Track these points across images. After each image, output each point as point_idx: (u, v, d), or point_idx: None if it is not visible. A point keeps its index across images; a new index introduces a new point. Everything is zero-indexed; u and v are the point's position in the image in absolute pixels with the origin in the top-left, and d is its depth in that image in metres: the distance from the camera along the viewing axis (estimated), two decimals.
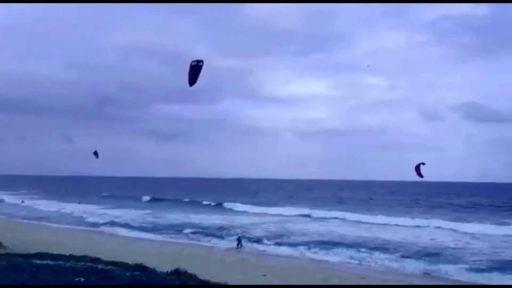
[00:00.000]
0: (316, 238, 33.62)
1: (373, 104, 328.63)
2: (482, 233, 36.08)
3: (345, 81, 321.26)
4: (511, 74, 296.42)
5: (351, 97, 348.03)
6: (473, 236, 34.87)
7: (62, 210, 56.23)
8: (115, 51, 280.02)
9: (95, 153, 26.98)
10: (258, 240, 31.86)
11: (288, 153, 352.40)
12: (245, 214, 53.71)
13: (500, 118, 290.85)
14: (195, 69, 13.47)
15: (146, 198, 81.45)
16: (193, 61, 13.40)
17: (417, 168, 20.50)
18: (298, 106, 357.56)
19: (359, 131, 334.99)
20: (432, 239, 33.36)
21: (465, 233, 36.10)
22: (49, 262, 10.65)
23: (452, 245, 30.76)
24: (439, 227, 39.99)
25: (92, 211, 55.10)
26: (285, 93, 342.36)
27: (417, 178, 21.43)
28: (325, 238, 33.36)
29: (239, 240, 30.06)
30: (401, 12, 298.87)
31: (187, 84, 13.67)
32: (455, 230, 37.64)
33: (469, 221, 44.38)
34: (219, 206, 66.14)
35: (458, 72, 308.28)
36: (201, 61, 13.48)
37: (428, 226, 40.80)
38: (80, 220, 45.39)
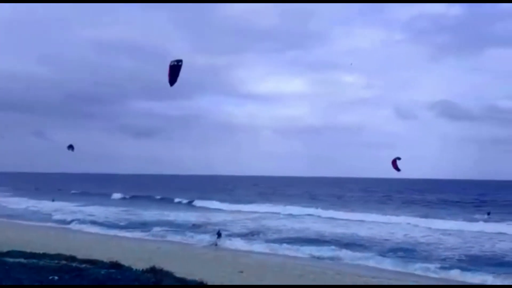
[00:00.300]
0: (292, 235, 33.88)
1: (350, 102, 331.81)
2: (454, 229, 37.01)
3: (322, 79, 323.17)
4: (482, 73, 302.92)
5: (327, 94, 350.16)
6: (445, 232, 35.66)
7: (34, 208, 55.15)
8: (90, 46, 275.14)
9: (70, 147, 26.30)
10: (234, 237, 31.90)
11: (265, 149, 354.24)
12: (220, 212, 53.39)
13: (472, 117, 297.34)
14: (175, 69, 13.43)
15: (118, 195, 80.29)
16: (172, 61, 13.37)
17: (394, 163, 20.86)
18: (275, 103, 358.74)
19: (335, 129, 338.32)
20: (405, 235, 34.00)
21: (437, 230, 36.88)
22: (22, 260, 10.45)
23: (424, 241, 31.42)
24: (415, 225, 40.38)
25: (66, 209, 54.13)
26: (262, 90, 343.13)
27: (392, 175, 21.88)
28: (300, 235, 33.67)
29: (219, 233, 30.45)
30: (377, 11, 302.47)
31: (164, 80, 13.60)
32: (428, 228, 38.23)
33: (440, 218, 45.37)
34: (193, 203, 65.86)
35: (432, 71, 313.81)
36: (180, 60, 13.44)
37: (400, 223, 41.24)
38: (53, 218, 44.54)
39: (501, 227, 37.43)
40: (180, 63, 13.40)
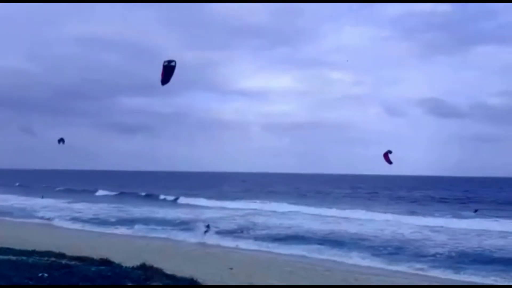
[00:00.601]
0: (280, 231, 33.98)
1: (338, 99, 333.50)
2: (442, 225, 37.19)
3: (311, 76, 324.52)
4: (471, 71, 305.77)
5: (316, 91, 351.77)
6: (433, 229, 35.78)
7: (21, 205, 54.66)
8: (78, 43, 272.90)
9: (61, 140, 25.86)
10: (223, 234, 31.97)
11: (254, 146, 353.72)
12: (208, 209, 53.06)
13: (461, 114, 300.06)
14: (168, 70, 13.47)
15: (103, 192, 79.67)
16: (165, 61, 13.39)
17: (386, 156, 20.71)
18: (264, 100, 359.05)
19: (324, 126, 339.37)
20: (393, 232, 34.19)
21: (425, 226, 36.99)
22: (11, 257, 10.39)
23: (412, 238, 31.63)
24: (403, 222, 40.28)
25: (54, 206, 53.83)
26: (251, 87, 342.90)
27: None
28: (289, 232, 33.76)
29: (207, 226, 31.34)
30: (366, 8, 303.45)
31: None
32: (416, 224, 38.28)
33: (428, 214, 45.84)
34: (178, 200, 65.67)
35: (421, 68, 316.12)
36: (173, 61, 13.42)
37: (388, 220, 41.28)
38: (42, 215, 44.23)
39: (488, 223, 37.85)
40: (172, 64, 13.37)
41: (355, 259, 24.18)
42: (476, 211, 54.55)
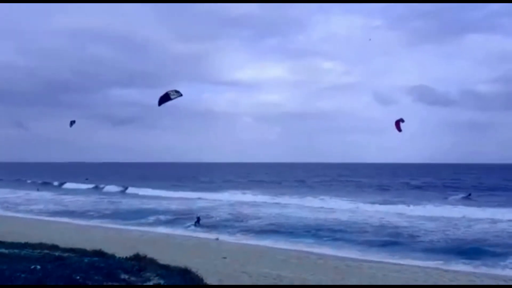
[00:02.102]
0: (272, 221, 34.16)
1: (329, 88, 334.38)
2: (434, 213, 37.22)
3: (302, 66, 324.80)
4: (460, 59, 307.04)
5: (307, 81, 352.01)
6: (425, 216, 35.92)
7: (14, 198, 54.41)
8: (68, 35, 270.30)
9: (73, 122, 25.31)
10: (216, 225, 32.10)
11: (245, 136, 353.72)
12: (200, 200, 52.76)
13: (450, 101, 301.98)
14: (169, 97, 14.60)
15: (91, 185, 79.42)
16: (171, 91, 14.48)
17: (397, 124, 20.46)
18: (255, 90, 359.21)
19: (315, 115, 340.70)
20: (385, 220, 34.50)
21: (417, 215, 36.86)
22: (3, 250, 10.32)
23: (404, 226, 31.89)
24: (395, 210, 40.47)
25: (47, 198, 53.69)
26: (242, 77, 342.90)
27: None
28: (281, 221, 33.94)
29: (198, 219, 31.86)
30: None
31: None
32: (408, 213, 38.02)
33: (421, 202, 46.11)
34: (129, 190, 66.80)
35: (410, 57, 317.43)
36: (180, 94, 14.65)
37: (380, 210, 40.97)
38: (33, 208, 44.07)
39: (480, 211, 37.76)
40: (173, 97, 14.67)
41: (348, 247, 24.40)
42: (469, 195, 55.28)
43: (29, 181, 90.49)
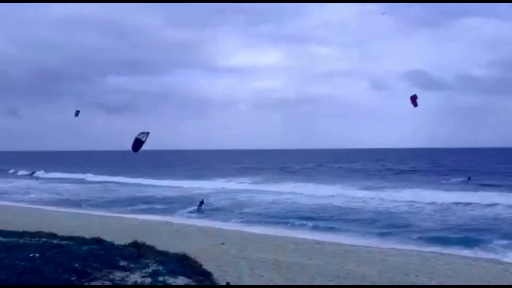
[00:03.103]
0: (269, 208, 34.34)
1: (325, 74, 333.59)
2: (432, 198, 36.63)
3: (297, 52, 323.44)
4: (456, 43, 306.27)
5: (303, 67, 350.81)
6: (422, 202, 35.64)
7: (11, 187, 54.43)
8: (56, 22, 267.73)
9: (78, 112, 25.18)
10: (213, 213, 32.20)
11: (239, 123, 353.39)
12: (195, 188, 52.29)
13: (446, 86, 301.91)
14: (139, 142, 15.34)
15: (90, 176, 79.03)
16: (139, 134, 15.14)
17: (413, 99, 20.23)
18: (250, 76, 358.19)
19: (311, 101, 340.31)
20: (382, 206, 34.69)
21: (416, 200, 36.57)
22: (2, 239, 10.34)
23: (402, 211, 32.15)
24: (391, 195, 40.51)
25: (44, 187, 53.70)
26: (237, 64, 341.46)
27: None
28: (277, 208, 34.05)
29: (201, 202, 32.81)
30: None
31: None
32: (406, 198, 37.76)
33: (420, 186, 46.33)
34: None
35: (406, 42, 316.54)
36: (146, 134, 15.28)
37: (374, 196, 40.04)
38: (32, 197, 44.09)
39: (478, 195, 37.72)
40: (143, 139, 15.68)
41: (344, 233, 24.51)
42: (469, 178, 55.53)
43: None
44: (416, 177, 63.00)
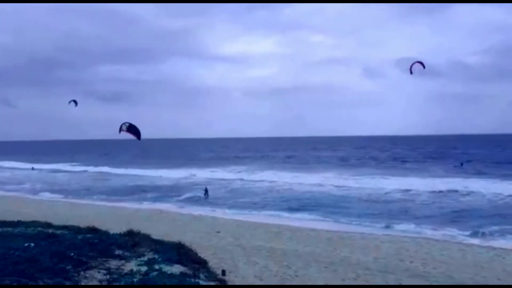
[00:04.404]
0: (264, 197, 34.47)
1: (319, 62, 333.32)
2: (428, 186, 36.95)
3: (291, 39, 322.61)
4: (449, 30, 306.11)
5: (297, 55, 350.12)
6: (418, 189, 35.77)
7: (6, 176, 54.22)
8: (47, 10, 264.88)
9: (74, 102, 24.97)
10: (209, 201, 32.28)
11: (235, 111, 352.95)
12: (191, 177, 52.49)
13: (439, 73, 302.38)
14: (131, 128, 15.55)
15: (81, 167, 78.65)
16: (124, 125, 15.39)
17: (420, 62, 20.10)
18: (244, 64, 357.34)
19: (305, 89, 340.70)
20: (379, 194, 34.85)
21: (410, 188, 36.84)
22: None
23: (396, 198, 32.39)
24: (388, 182, 40.70)
25: (38, 177, 53.54)
26: (230, 52, 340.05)
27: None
28: (273, 197, 34.17)
29: (206, 190, 33.58)
30: None
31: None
32: (402, 187, 37.39)
33: (408, 174, 46.57)
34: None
35: (400, 29, 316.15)
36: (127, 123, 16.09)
37: (369, 183, 40.53)
38: (26, 187, 43.93)
39: (471, 181, 38.06)
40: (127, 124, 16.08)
41: (339, 220, 24.64)
42: (461, 164, 55.92)
43: None
44: (409, 165, 63.29)
